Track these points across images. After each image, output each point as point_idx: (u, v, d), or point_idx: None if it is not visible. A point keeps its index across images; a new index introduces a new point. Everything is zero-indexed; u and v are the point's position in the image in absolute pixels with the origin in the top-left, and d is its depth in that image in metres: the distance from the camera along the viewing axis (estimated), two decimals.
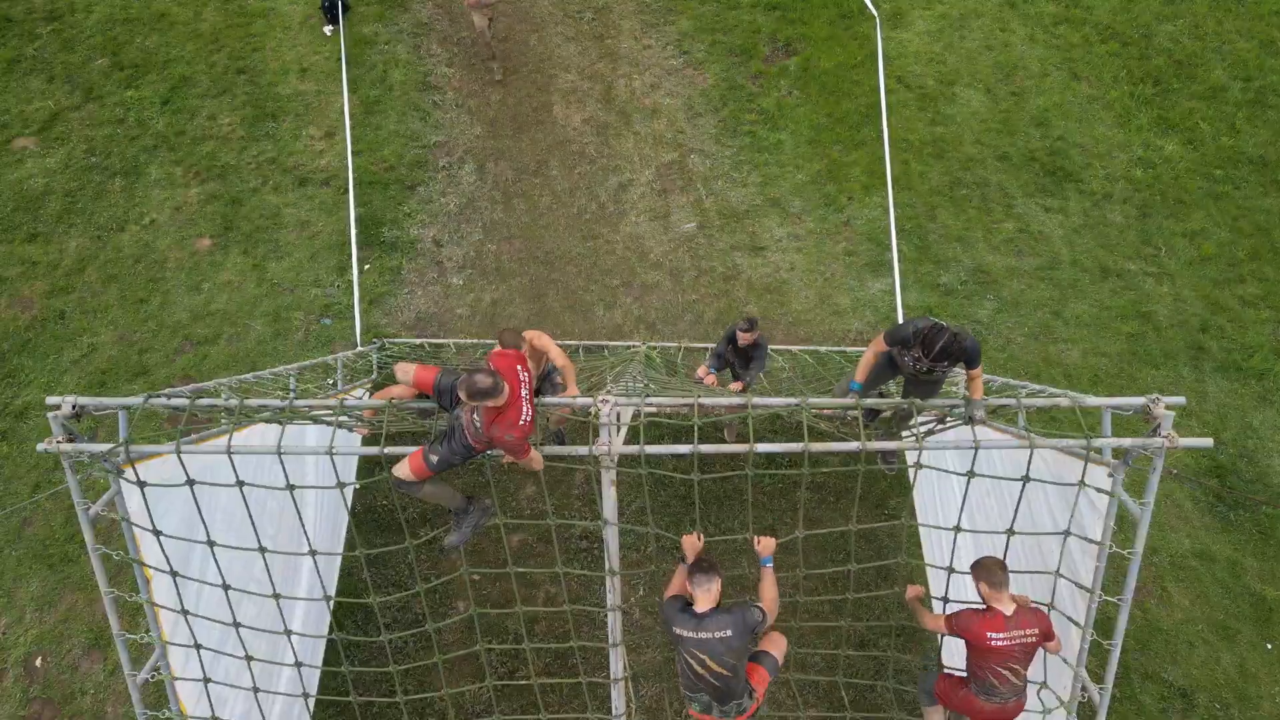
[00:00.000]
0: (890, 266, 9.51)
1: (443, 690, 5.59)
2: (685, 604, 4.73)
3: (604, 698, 6.81)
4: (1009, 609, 4.81)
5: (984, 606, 4.88)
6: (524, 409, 4.28)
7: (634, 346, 9.13)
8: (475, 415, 4.23)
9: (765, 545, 5.01)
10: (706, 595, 4.66)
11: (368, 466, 7.95)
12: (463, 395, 4.12)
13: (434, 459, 4.36)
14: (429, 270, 9.88)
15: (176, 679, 5.07)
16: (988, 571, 4.85)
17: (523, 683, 6.81)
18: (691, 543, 4.95)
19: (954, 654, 5.44)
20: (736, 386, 7.13)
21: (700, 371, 7.41)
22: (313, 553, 4.85)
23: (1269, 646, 7.57)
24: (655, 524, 7.43)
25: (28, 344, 9.40)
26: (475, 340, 9.24)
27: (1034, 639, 4.82)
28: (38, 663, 7.73)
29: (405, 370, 4.75)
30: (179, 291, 9.72)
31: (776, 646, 5.09)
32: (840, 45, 11.51)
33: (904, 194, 10.20)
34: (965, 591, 5.76)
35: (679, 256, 9.96)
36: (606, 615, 4.83)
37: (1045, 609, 5.02)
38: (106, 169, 10.60)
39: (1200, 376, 8.93)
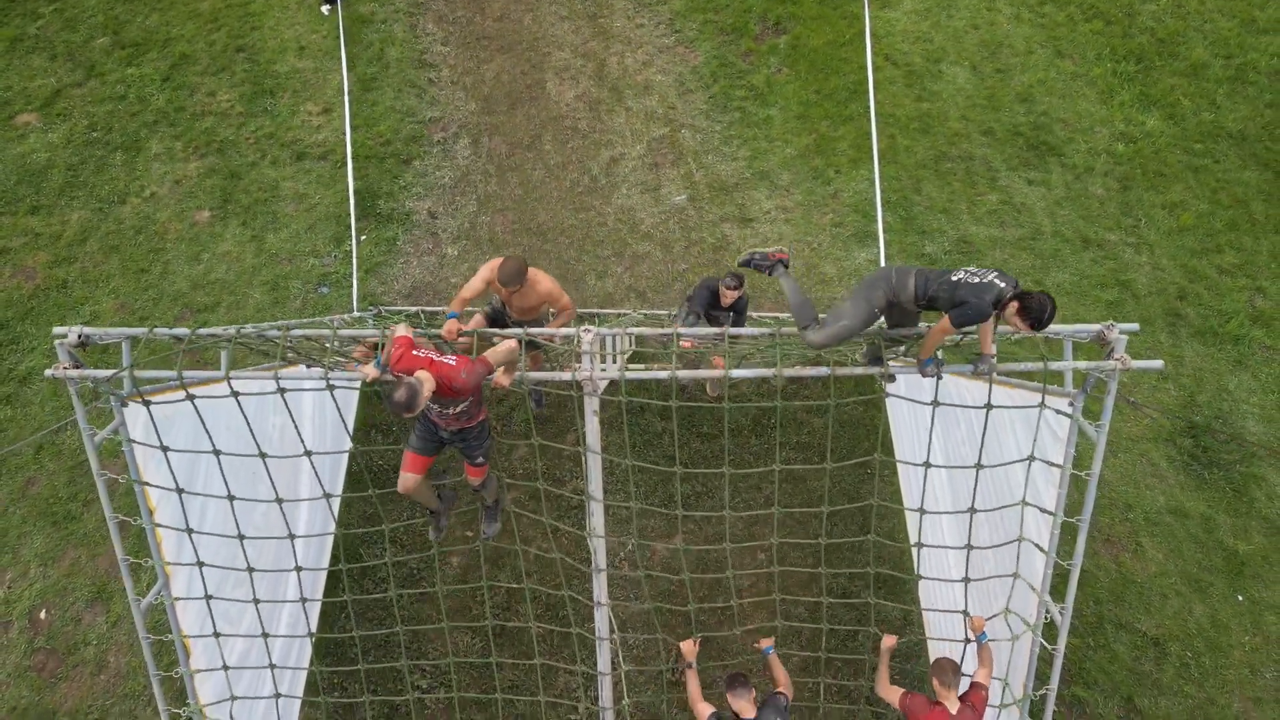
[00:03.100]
0: (876, 237, 9.71)
1: (444, 622, 5.79)
2: (733, 717, 5.35)
3: (592, 648, 7.02)
4: (954, 708, 5.33)
5: (935, 700, 5.38)
6: (445, 364, 4.68)
7: (625, 314, 9.34)
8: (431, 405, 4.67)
9: (764, 643, 5.81)
10: (749, 704, 5.39)
11: (364, 417, 8.17)
12: (400, 417, 4.66)
13: (412, 440, 4.82)
14: (424, 241, 10.08)
15: (178, 599, 5.26)
16: (941, 671, 5.39)
17: (518, 625, 7.03)
18: (689, 648, 5.70)
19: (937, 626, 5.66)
20: (687, 345, 7.10)
21: (684, 346, 7.46)
22: (309, 454, 5.08)
23: (1240, 598, 7.79)
24: (637, 478, 7.65)
25: (31, 312, 9.60)
26: (471, 310, 9.43)
27: None
28: (42, 615, 7.94)
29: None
30: (179, 262, 9.92)
31: (787, 689, 5.66)
32: (829, 24, 11.71)
33: (890, 168, 10.40)
34: (941, 535, 5.98)
35: (669, 228, 10.16)
36: (590, 541, 5.02)
37: (979, 688, 5.42)
38: (108, 144, 10.80)
39: (1177, 342, 9.15)
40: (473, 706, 7.35)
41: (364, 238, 9.99)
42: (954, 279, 4.70)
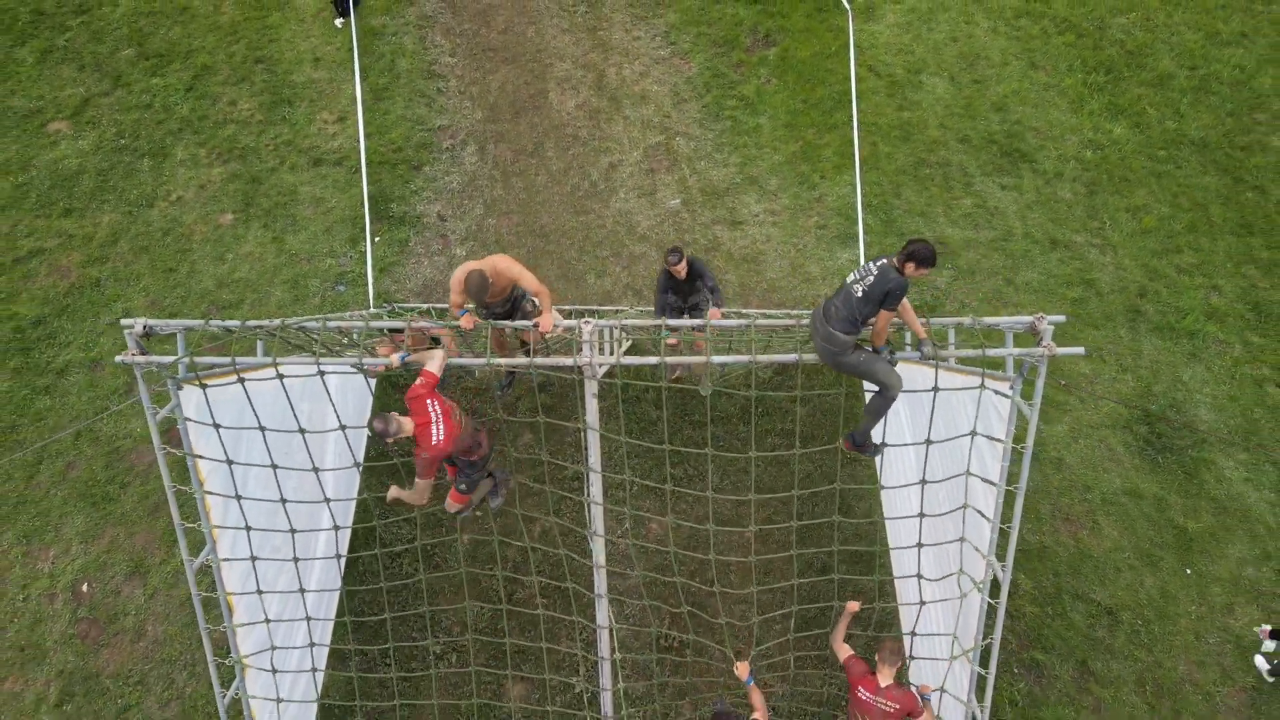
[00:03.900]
0: (857, 239, 10.37)
1: (461, 568, 6.44)
2: None
3: (592, 614, 7.69)
4: (885, 680, 6.16)
5: (873, 671, 6.19)
6: (433, 432, 5.49)
7: (621, 310, 10.01)
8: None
9: (741, 670, 6.53)
10: None
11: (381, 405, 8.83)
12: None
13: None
14: (434, 242, 10.74)
15: (224, 560, 5.92)
16: (884, 649, 6.22)
17: (527, 577, 7.69)
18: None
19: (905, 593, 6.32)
20: (673, 341, 7.50)
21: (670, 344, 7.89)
22: (342, 427, 5.76)
23: (1188, 572, 8.46)
24: (632, 463, 8.32)
25: (67, 309, 10.26)
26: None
27: (893, 711, 6.06)
28: (84, 588, 8.60)
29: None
30: (205, 262, 10.58)
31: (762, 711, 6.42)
32: (816, 37, 12.37)
33: (872, 173, 11.06)
34: (910, 509, 6.63)
35: (664, 230, 10.81)
36: (589, 506, 5.68)
37: (920, 695, 6.19)
38: (135, 150, 11.46)
39: (1136, 337, 9.81)
40: (485, 655, 8.02)
41: (378, 239, 10.65)
42: (857, 293, 5.41)
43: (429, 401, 5.61)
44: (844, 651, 6.44)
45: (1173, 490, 8.86)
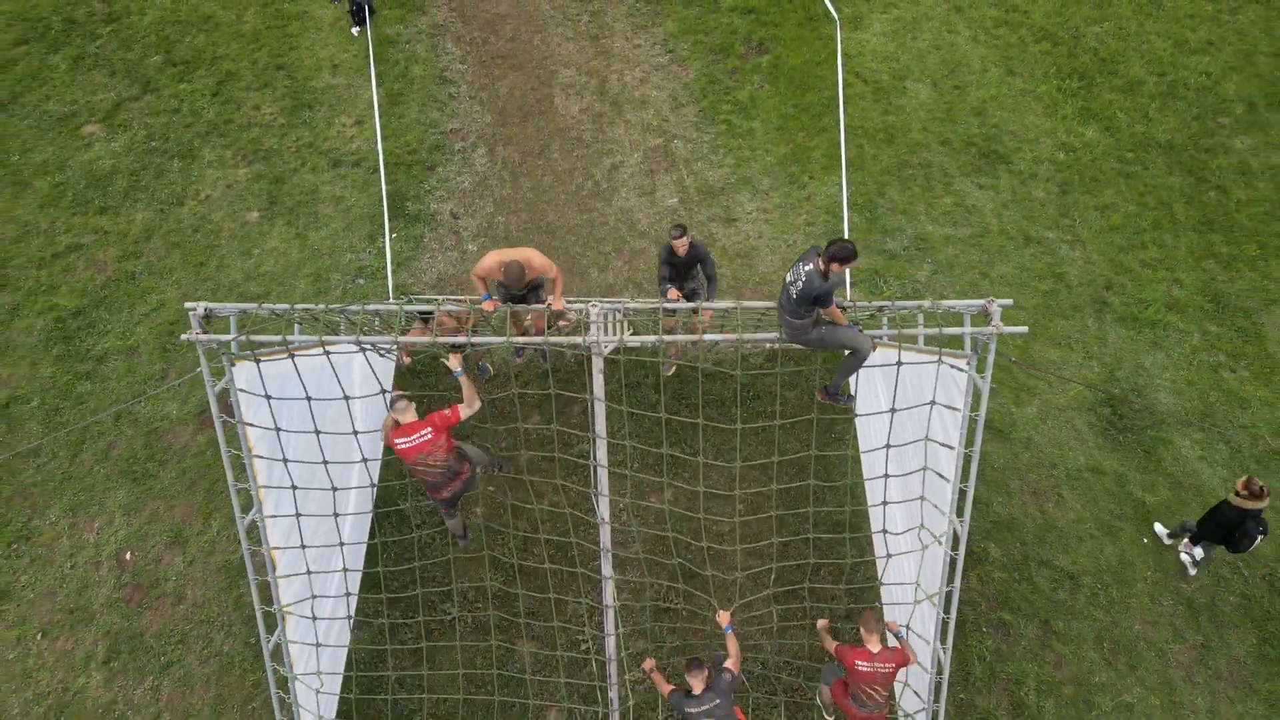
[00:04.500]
0: (843, 235, 11.08)
1: (480, 518, 7.16)
2: (686, 692, 6.84)
3: (596, 582, 8.42)
4: (875, 648, 6.81)
5: (860, 645, 6.89)
6: (404, 439, 6.74)
7: (623, 301, 10.72)
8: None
9: (723, 618, 7.23)
10: (699, 681, 6.80)
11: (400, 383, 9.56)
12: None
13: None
14: (448, 238, 11.46)
15: (269, 517, 6.64)
16: (865, 620, 6.92)
17: (538, 535, 8.41)
18: (650, 664, 7.41)
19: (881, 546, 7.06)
20: (674, 294, 8.24)
21: (672, 294, 8.47)
22: (383, 391, 6.54)
23: (1145, 540, 9.18)
24: (633, 441, 9.03)
25: (104, 300, 10.97)
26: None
27: (890, 669, 6.78)
28: (127, 556, 9.32)
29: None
30: (233, 256, 11.29)
31: (735, 665, 7.11)
32: (806, 45, 13.09)
33: (858, 174, 11.78)
34: (881, 469, 7.35)
35: (663, 227, 11.53)
36: (596, 469, 6.40)
37: (902, 646, 6.95)
38: (165, 152, 12.18)
39: (1102, 326, 10.53)
40: (499, 611, 8.73)
41: (394, 235, 11.36)
42: (793, 294, 6.11)
43: (434, 433, 6.82)
44: (832, 645, 7.20)
45: (1132, 467, 9.58)
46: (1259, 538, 8.19)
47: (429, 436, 6.89)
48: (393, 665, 8.56)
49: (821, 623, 7.53)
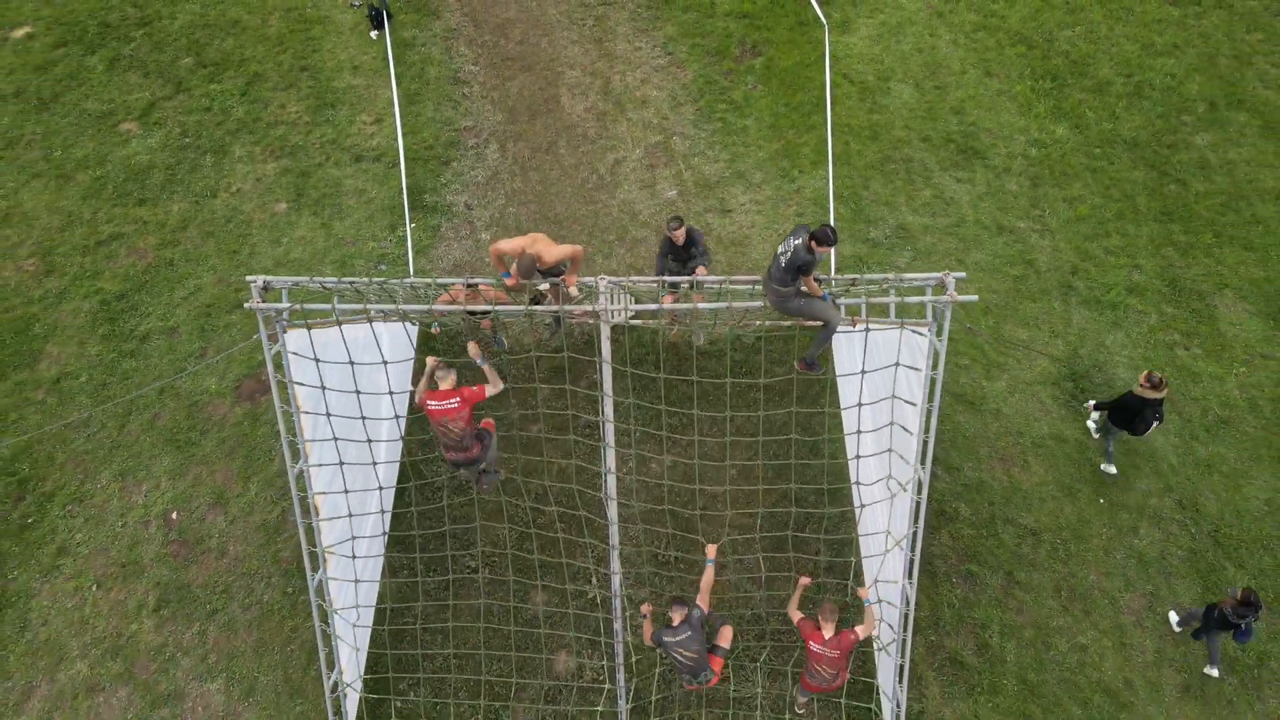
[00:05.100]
0: (829, 224, 11.95)
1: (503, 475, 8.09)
2: (666, 624, 7.85)
3: (603, 536, 9.30)
4: (829, 634, 7.91)
5: (817, 624, 7.93)
6: (436, 402, 7.68)
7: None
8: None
9: (710, 550, 8.16)
10: (680, 615, 7.84)
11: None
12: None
13: None
14: (462, 228, 12.34)
15: (313, 465, 7.53)
16: (823, 611, 7.97)
17: (547, 508, 9.30)
18: (646, 608, 8.35)
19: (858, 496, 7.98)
20: (667, 301, 9.09)
21: (666, 300, 9.52)
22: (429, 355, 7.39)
23: (1101, 501, 10.07)
24: (636, 411, 9.90)
25: (145, 285, 11.85)
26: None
27: (836, 655, 7.83)
28: (173, 516, 10.20)
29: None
30: (263, 244, 12.17)
31: (726, 639, 8.17)
32: (797, 48, 13.97)
33: (844, 168, 12.67)
34: (854, 425, 8.23)
35: (662, 218, 12.40)
36: (602, 426, 7.28)
37: (865, 617, 7.97)
38: (198, 148, 13.06)
39: (1068, 308, 11.41)
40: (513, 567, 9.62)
41: (413, 225, 12.24)
42: (782, 262, 7.06)
43: (460, 404, 7.81)
44: (796, 615, 8.23)
45: (1091, 435, 10.46)
46: (1154, 423, 9.58)
47: (455, 405, 7.87)
48: (421, 597, 9.43)
49: (804, 580, 8.39)
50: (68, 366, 11.18)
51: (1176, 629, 9.33)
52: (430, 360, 8.15)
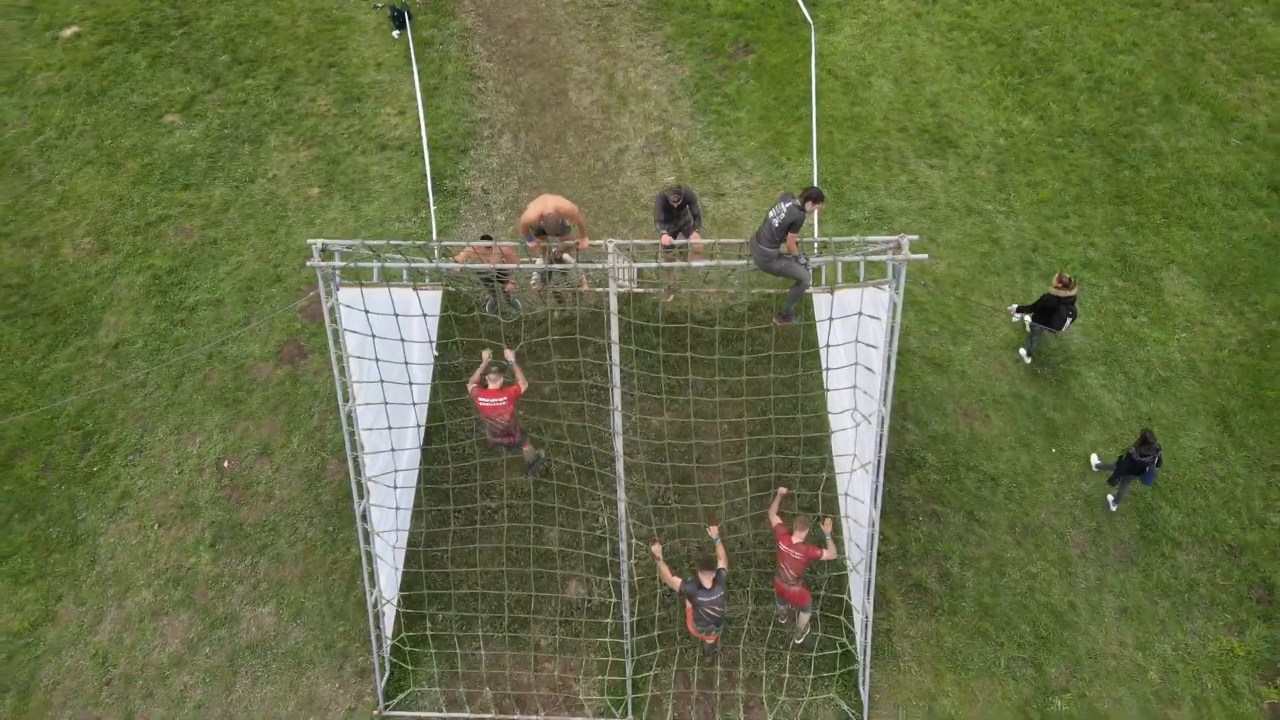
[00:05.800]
0: None
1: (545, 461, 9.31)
2: (697, 585, 8.89)
3: (611, 483, 10.50)
4: (798, 538, 9.03)
5: (790, 530, 9.07)
6: (486, 399, 9.31)
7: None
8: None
9: (712, 531, 9.24)
10: (709, 578, 8.84)
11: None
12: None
13: None
14: (480, 210, 13.54)
15: (361, 404, 8.74)
16: (798, 520, 9.06)
17: (561, 463, 10.51)
18: (657, 549, 9.33)
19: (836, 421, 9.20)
20: (666, 240, 10.38)
21: (665, 240, 10.61)
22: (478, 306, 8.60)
23: (1054, 450, 11.27)
24: (638, 354, 11.09)
25: (192, 261, 13.05)
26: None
27: (801, 558, 9.02)
28: (225, 464, 11.40)
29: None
30: (299, 226, 13.37)
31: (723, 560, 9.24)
32: (786, 46, 15.17)
33: (828, 156, 13.87)
34: (838, 380, 9.45)
35: None
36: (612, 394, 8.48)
37: (820, 548, 9.10)
38: (237, 138, 14.26)
39: (1029, 281, 12.61)
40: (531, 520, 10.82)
41: (435, 208, 13.44)
42: (774, 223, 8.33)
43: (508, 401, 9.40)
44: (774, 520, 9.40)
45: (1046, 393, 11.68)
46: (1069, 320, 11.07)
47: (503, 403, 9.56)
48: (453, 525, 10.63)
49: (781, 490, 9.59)
50: (125, 334, 12.39)
51: (1094, 470, 11.02)
52: (485, 354, 9.61)
